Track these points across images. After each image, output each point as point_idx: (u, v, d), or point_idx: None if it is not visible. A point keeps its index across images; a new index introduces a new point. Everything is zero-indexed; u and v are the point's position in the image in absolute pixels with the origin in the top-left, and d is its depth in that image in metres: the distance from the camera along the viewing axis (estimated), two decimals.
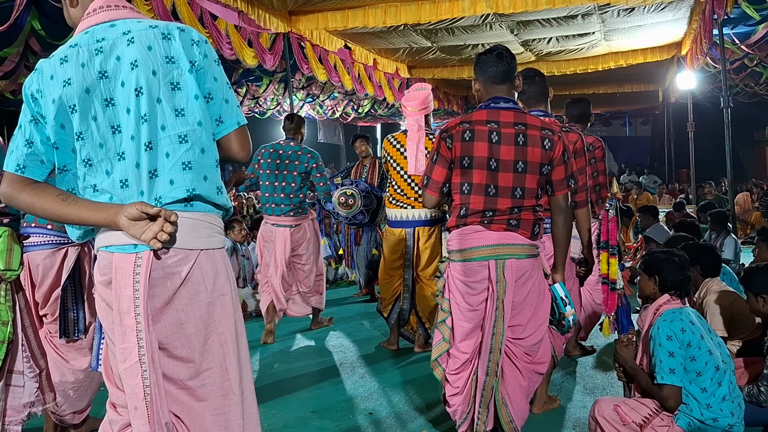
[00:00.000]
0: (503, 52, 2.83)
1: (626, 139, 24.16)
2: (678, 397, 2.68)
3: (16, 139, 1.77)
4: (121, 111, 1.73)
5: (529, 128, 2.73)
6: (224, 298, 1.81)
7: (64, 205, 1.72)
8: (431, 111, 4.66)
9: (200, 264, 1.76)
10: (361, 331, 5.61)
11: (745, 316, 3.76)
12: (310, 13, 7.73)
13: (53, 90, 1.74)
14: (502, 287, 2.73)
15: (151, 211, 1.65)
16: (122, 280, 1.71)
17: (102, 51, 1.74)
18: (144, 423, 1.71)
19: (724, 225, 6.95)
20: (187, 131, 1.74)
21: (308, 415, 3.66)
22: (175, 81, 1.75)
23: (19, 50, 6.11)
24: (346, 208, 5.80)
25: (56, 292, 3.06)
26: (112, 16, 1.79)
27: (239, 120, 1.85)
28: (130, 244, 1.70)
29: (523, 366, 2.86)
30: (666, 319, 2.74)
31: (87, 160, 1.74)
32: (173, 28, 1.78)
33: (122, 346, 1.72)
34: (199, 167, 1.76)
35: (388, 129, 17.75)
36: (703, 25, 7.65)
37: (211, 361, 1.80)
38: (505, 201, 2.73)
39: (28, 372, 2.72)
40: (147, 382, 1.71)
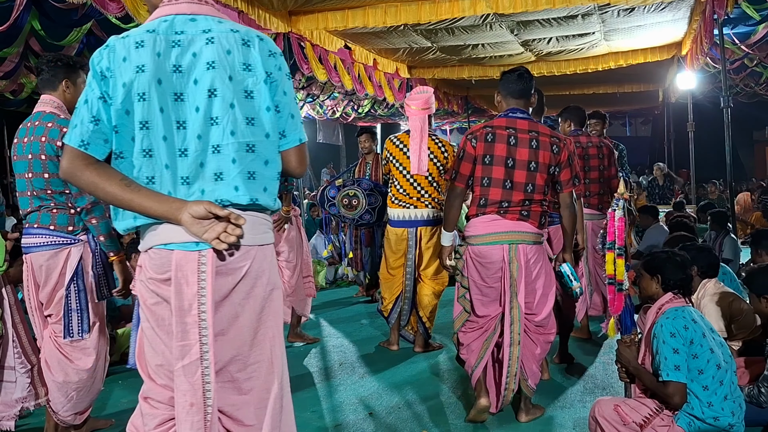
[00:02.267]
0: (524, 73, 3.36)
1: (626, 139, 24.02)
2: (683, 393, 2.69)
3: (80, 114, 1.72)
4: (189, 107, 1.72)
5: (540, 135, 3.28)
6: (274, 293, 1.84)
7: (128, 191, 1.68)
8: (433, 111, 4.68)
9: (257, 259, 1.77)
10: (361, 331, 5.61)
11: (744, 316, 3.77)
12: (310, 13, 7.72)
13: (125, 73, 1.70)
14: (515, 267, 3.25)
15: (221, 213, 1.65)
16: (184, 278, 1.70)
17: (179, 44, 1.72)
18: (200, 419, 1.71)
19: (723, 225, 6.95)
20: (256, 141, 1.76)
21: (308, 415, 3.66)
22: (249, 89, 1.75)
23: (19, 50, 6.11)
24: (351, 210, 5.76)
25: (60, 292, 3.06)
26: (194, 10, 1.78)
27: (301, 137, 1.87)
28: (192, 241, 1.69)
29: (536, 337, 3.37)
30: (669, 317, 2.75)
31: (148, 151, 1.72)
32: (253, 35, 1.79)
33: (182, 343, 1.70)
34: (262, 178, 1.78)
35: (388, 129, 17.76)
36: (703, 25, 7.65)
37: (259, 354, 1.80)
38: (518, 194, 3.24)
39: (20, 368, 2.73)
40: (208, 378, 1.71)
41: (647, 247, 7.11)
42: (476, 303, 3.37)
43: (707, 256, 3.89)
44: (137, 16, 5.26)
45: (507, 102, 3.37)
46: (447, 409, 3.68)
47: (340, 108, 13.95)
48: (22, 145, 3.07)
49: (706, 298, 3.79)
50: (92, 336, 3.13)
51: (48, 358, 3.10)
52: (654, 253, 3.07)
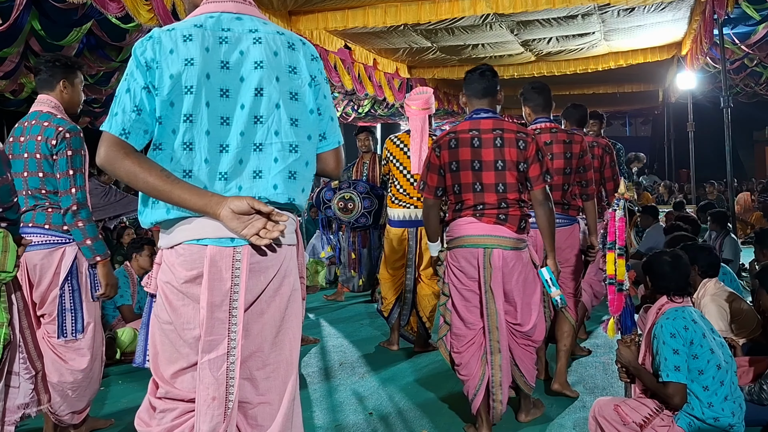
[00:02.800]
0: (486, 71, 3.25)
1: (626, 139, 24.10)
2: (683, 394, 2.69)
3: (121, 102, 1.69)
4: (234, 104, 1.73)
5: (505, 132, 3.13)
6: (296, 293, 1.85)
7: (168, 182, 1.66)
8: (433, 111, 4.68)
9: (287, 258, 1.80)
10: (361, 331, 5.61)
11: (744, 316, 3.77)
12: (310, 13, 7.73)
13: (172, 65, 1.69)
14: (489, 273, 3.10)
15: (265, 209, 1.66)
16: (218, 274, 1.69)
17: (227, 41, 1.74)
18: (220, 413, 1.71)
19: (724, 225, 6.95)
20: (299, 142, 1.78)
21: (308, 415, 3.65)
22: (294, 91, 1.78)
23: (19, 50, 6.11)
24: (347, 213, 5.73)
25: (54, 292, 3.05)
26: (240, 9, 1.80)
27: (339, 139, 1.93)
28: (227, 237, 1.69)
29: (523, 343, 3.25)
30: (669, 317, 2.75)
31: (188, 144, 1.70)
32: (296, 39, 1.83)
33: (209, 338, 1.70)
34: (302, 179, 1.80)
35: (388, 129, 17.75)
36: (703, 25, 7.65)
37: (278, 354, 1.81)
38: (491, 195, 3.12)
39: (24, 373, 2.72)
40: (232, 374, 1.72)
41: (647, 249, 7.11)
42: (460, 309, 3.22)
43: (707, 256, 3.89)
44: (137, 16, 5.26)
45: (471, 103, 3.26)
46: (447, 409, 3.68)
47: (340, 108, 13.95)
48: (18, 144, 3.06)
49: (707, 297, 3.78)
50: (86, 336, 3.12)
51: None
52: (651, 255, 3.06)
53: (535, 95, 3.87)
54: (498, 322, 3.12)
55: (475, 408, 3.18)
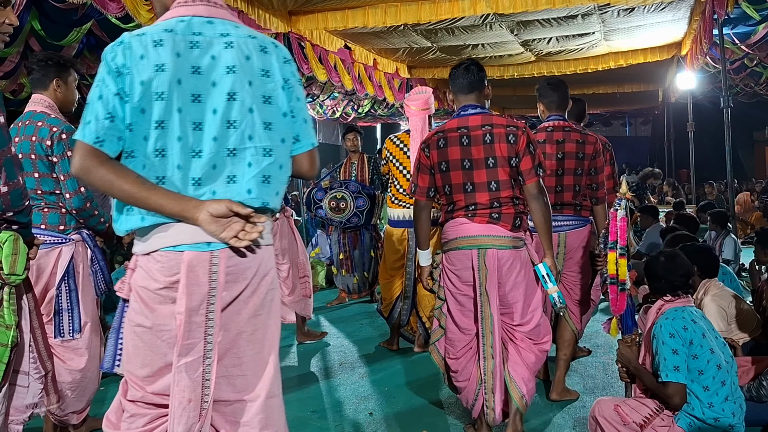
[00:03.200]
0: (471, 65, 3.13)
1: (626, 139, 24.17)
2: (683, 394, 2.69)
3: (94, 110, 1.67)
4: (206, 109, 1.72)
5: (494, 127, 3.01)
6: (274, 293, 1.86)
7: (144, 189, 1.66)
8: (433, 111, 4.68)
9: (264, 260, 1.80)
10: (361, 331, 5.61)
11: (745, 316, 3.77)
12: (310, 13, 7.72)
13: (143, 71, 1.68)
14: (484, 275, 2.97)
15: (243, 211, 1.67)
16: (195, 279, 1.70)
17: (198, 46, 1.73)
18: (196, 415, 1.73)
19: (723, 225, 6.94)
20: (273, 146, 1.78)
21: (308, 415, 3.66)
22: (267, 95, 1.78)
23: (19, 50, 6.10)
24: (339, 213, 5.71)
25: (51, 292, 3.05)
26: (211, 13, 1.79)
27: (313, 141, 1.92)
28: (203, 242, 1.70)
29: (527, 346, 3.07)
30: (668, 317, 2.75)
31: (161, 150, 1.70)
32: (269, 42, 1.83)
33: (186, 342, 1.72)
34: (276, 183, 1.80)
35: (388, 129, 17.74)
36: (703, 25, 7.65)
37: (254, 353, 1.82)
38: (483, 195, 3.00)
39: (34, 373, 2.72)
40: (209, 376, 1.73)
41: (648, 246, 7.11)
42: (455, 314, 3.10)
43: (707, 256, 3.89)
44: (137, 16, 5.25)
45: (458, 100, 3.14)
46: (447, 409, 3.68)
47: (340, 108, 13.95)
48: (13, 144, 3.06)
49: (707, 297, 3.78)
50: (84, 336, 3.12)
51: None
52: (650, 257, 3.06)
53: (550, 92, 3.74)
54: (492, 326, 2.98)
55: (476, 413, 3.09)
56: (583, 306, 3.79)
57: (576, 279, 3.69)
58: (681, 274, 2.84)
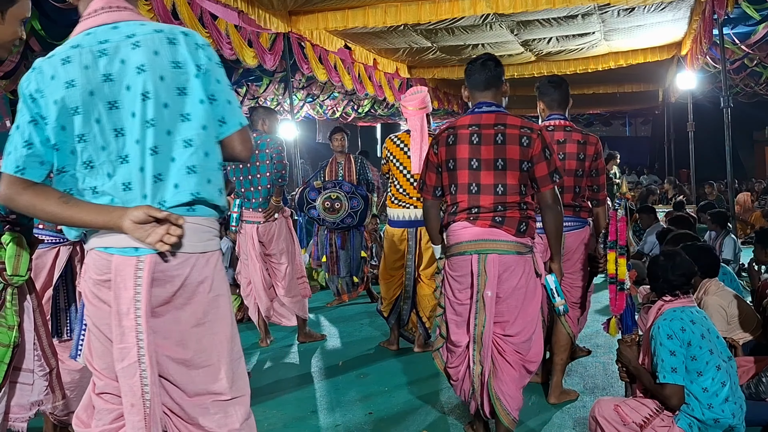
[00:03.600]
0: (488, 60, 2.98)
1: (626, 139, 24.19)
2: (681, 395, 2.68)
3: (13, 140, 1.75)
4: (125, 114, 1.74)
5: (508, 127, 2.86)
6: (219, 300, 1.84)
7: (66, 208, 1.73)
8: (430, 110, 4.68)
9: (198, 267, 1.79)
10: (361, 331, 5.61)
11: (745, 316, 3.77)
12: (310, 13, 7.73)
13: (55, 91, 1.73)
14: (483, 281, 2.83)
15: (159, 215, 1.67)
16: (122, 282, 1.73)
17: (106, 53, 1.74)
18: (140, 420, 1.75)
19: (723, 225, 6.94)
20: (193, 135, 1.77)
21: (308, 415, 3.66)
22: (182, 86, 1.76)
23: (19, 50, 6.09)
24: (333, 213, 5.67)
25: (48, 291, 3.05)
26: (114, 18, 1.79)
27: (241, 121, 1.88)
28: (131, 247, 1.72)
29: (513, 360, 2.92)
30: (666, 318, 2.75)
31: (88, 162, 1.75)
32: (177, 32, 1.80)
33: (120, 346, 1.74)
34: (204, 170, 1.78)
35: (388, 129, 17.74)
36: (703, 25, 7.65)
37: (203, 360, 1.82)
38: (487, 198, 2.85)
39: (39, 370, 2.73)
40: (146, 381, 1.74)
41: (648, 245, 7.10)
42: (450, 325, 2.99)
43: (707, 256, 3.88)
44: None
45: (473, 96, 2.99)
46: (447, 409, 3.68)
47: (340, 108, 13.96)
48: None
49: (707, 297, 3.78)
50: None
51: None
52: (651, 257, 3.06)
53: (551, 90, 3.64)
54: (484, 335, 2.85)
55: (473, 409, 3.05)
56: (581, 308, 3.76)
57: (573, 281, 3.63)
58: (680, 274, 2.83)
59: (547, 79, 3.75)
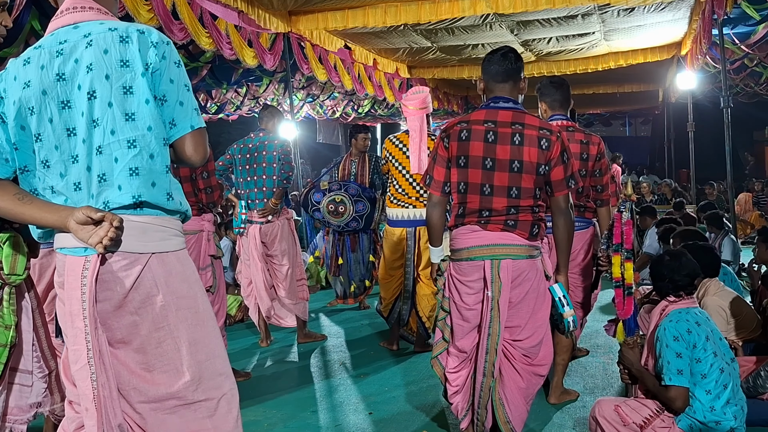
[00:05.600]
0: (509, 52, 2.84)
1: (626, 139, 24.16)
2: (685, 398, 2.67)
3: None
4: (76, 114, 1.74)
5: (526, 128, 2.73)
6: (181, 302, 1.79)
7: (19, 204, 1.76)
8: (431, 111, 4.68)
9: (151, 267, 1.75)
10: (361, 331, 5.61)
11: (745, 316, 3.76)
12: (310, 13, 7.73)
13: (15, 91, 1.76)
14: (497, 287, 2.72)
15: (95, 216, 1.65)
16: (72, 283, 1.72)
17: (62, 53, 1.74)
18: (93, 424, 1.71)
19: (720, 225, 6.94)
20: (136, 136, 1.73)
21: (308, 415, 3.66)
22: (127, 85, 1.73)
23: (19, 50, 6.10)
24: (337, 217, 5.61)
25: (52, 292, 3.05)
26: (76, 18, 1.79)
27: (193, 123, 1.81)
28: (80, 246, 1.72)
29: (521, 368, 2.84)
30: (672, 320, 2.73)
31: (45, 162, 1.77)
32: (132, 30, 1.76)
33: (74, 348, 1.73)
34: (147, 173, 1.74)
35: (388, 129, 17.74)
36: (703, 25, 7.65)
37: (165, 364, 1.78)
38: (500, 200, 2.73)
39: (38, 372, 2.72)
40: (95, 384, 1.71)
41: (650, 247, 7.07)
42: (456, 330, 2.87)
43: (708, 256, 3.88)
44: (137, 16, 5.25)
45: (490, 88, 2.84)
46: (447, 409, 3.68)
47: (340, 108, 13.96)
48: None
49: (707, 298, 3.78)
50: None
51: None
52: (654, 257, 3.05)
53: (553, 90, 3.61)
54: (498, 344, 2.76)
55: (465, 425, 2.92)
56: (584, 309, 3.74)
57: (577, 281, 3.62)
58: (686, 275, 2.81)
59: (548, 80, 3.72)
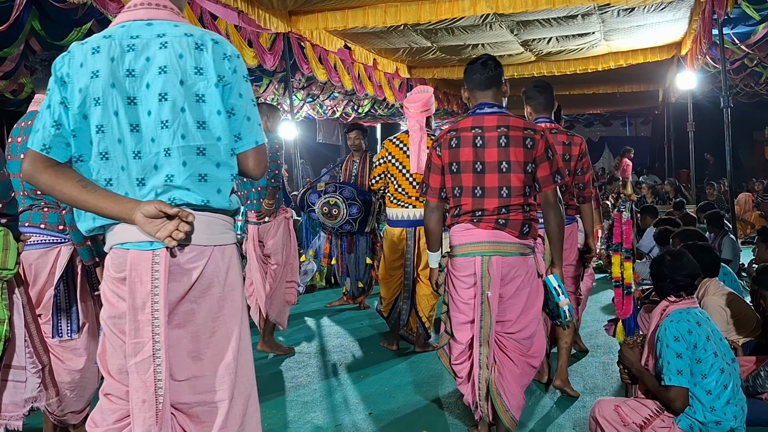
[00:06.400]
0: (488, 60, 3.01)
1: (626, 139, 24.10)
2: (685, 398, 2.67)
3: (43, 118, 1.78)
4: (142, 111, 1.75)
5: (511, 129, 2.89)
6: (234, 293, 1.85)
7: (83, 192, 1.74)
8: (433, 112, 4.68)
9: (214, 259, 1.80)
10: (361, 331, 5.61)
11: (745, 316, 3.76)
12: (310, 13, 7.73)
13: (81, 79, 1.75)
14: (487, 282, 2.87)
15: (170, 211, 1.68)
16: (138, 277, 1.73)
17: (134, 49, 1.75)
18: (152, 416, 1.74)
19: (720, 225, 6.94)
20: (207, 145, 1.77)
21: (308, 415, 3.66)
22: (200, 93, 1.77)
23: (19, 50, 6.10)
24: (331, 219, 5.62)
25: (49, 292, 3.05)
26: (151, 15, 1.81)
27: (258, 139, 1.87)
28: (146, 240, 1.73)
29: (516, 357, 2.97)
30: (673, 320, 2.73)
31: (104, 154, 1.76)
32: (207, 38, 1.80)
33: (134, 341, 1.74)
34: (214, 181, 1.79)
35: (388, 129, 17.74)
36: (703, 25, 7.65)
37: (215, 355, 1.82)
38: (492, 201, 2.89)
39: (31, 367, 2.73)
40: (160, 376, 1.74)
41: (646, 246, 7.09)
42: (454, 322, 3.02)
43: (708, 256, 3.88)
44: None
45: (474, 96, 3.01)
46: (447, 409, 3.68)
47: (340, 108, 13.96)
48: (15, 144, 3.07)
49: (707, 297, 3.78)
50: (82, 337, 3.12)
51: None
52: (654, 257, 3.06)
53: (537, 94, 3.80)
54: (489, 336, 2.90)
55: (478, 416, 3.03)
56: (576, 295, 3.92)
57: (566, 273, 3.69)
58: (687, 275, 2.82)
59: (533, 85, 3.88)
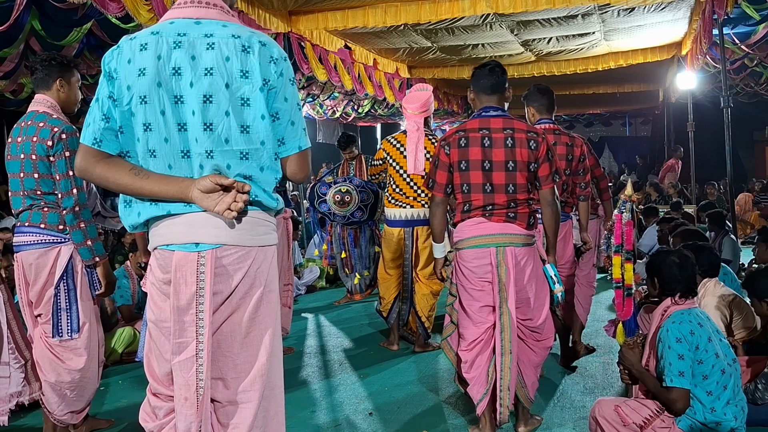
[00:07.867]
0: (495, 67, 3.24)
1: (626, 139, 24.13)
2: (686, 399, 2.66)
3: (92, 112, 1.78)
4: (187, 111, 1.75)
5: (516, 132, 3.13)
6: (271, 295, 1.86)
7: (137, 179, 1.75)
8: (431, 113, 4.67)
9: (257, 260, 1.81)
10: (361, 331, 5.61)
11: (744, 316, 3.76)
12: (310, 13, 7.72)
13: (129, 76, 1.75)
14: (503, 271, 3.10)
15: (226, 182, 1.69)
16: (183, 278, 1.74)
17: (180, 46, 1.75)
18: (193, 413, 1.76)
19: (721, 225, 6.94)
20: (250, 150, 1.78)
21: (308, 415, 3.66)
22: (245, 97, 1.76)
23: (19, 50, 6.09)
24: (343, 206, 5.70)
25: (49, 291, 3.05)
26: (200, 14, 1.80)
27: (301, 144, 1.88)
28: (191, 242, 1.74)
29: (533, 344, 3.25)
30: (675, 321, 2.72)
31: (152, 151, 1.77)
32: (255, 41, 1.79)
33: (178, 340, 1.76)
34: (260, 182, 1.81)
35: (388, 129, 17.73)
36: (703, 25, 7.65)
37: (249, 355, 1.84)
38: (501, 196, 3.13)
39: (14, 363, 2.75)
40: (201, 375, 1.76)
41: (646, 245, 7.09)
42: (468, 309, 3.19)
43: (708, 256, 3.88)
44: (137, 16, 5.24)
45: (480, 99, 3.25)
46: (447, 409, 3.68)
47: (340, 108, 13.94)
48: (15, 144, 3.07)
49: (707, 297, 3.78)
50: (82, 336, 3.12)
51: (39, 358, 3.10)
52: (653, 255, 3.06)
53: (540, 96, 3.99)
54: (511, 321, 3.10)
55: (480, 410, 3.15)
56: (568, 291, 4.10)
57: (560, 268, 3.85)
58: (688, 275, 2.82)
59: (535, 87, 4.06)
